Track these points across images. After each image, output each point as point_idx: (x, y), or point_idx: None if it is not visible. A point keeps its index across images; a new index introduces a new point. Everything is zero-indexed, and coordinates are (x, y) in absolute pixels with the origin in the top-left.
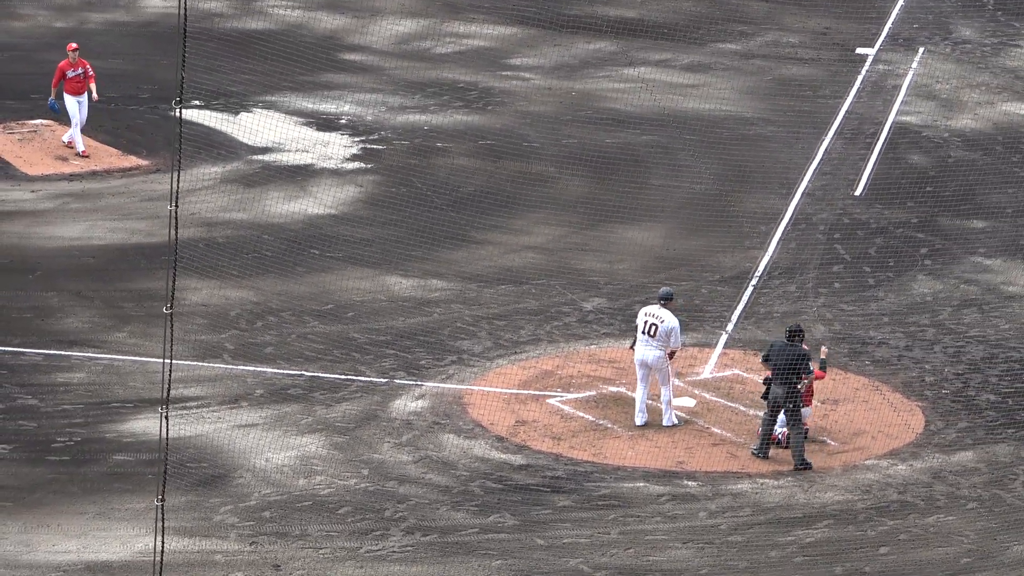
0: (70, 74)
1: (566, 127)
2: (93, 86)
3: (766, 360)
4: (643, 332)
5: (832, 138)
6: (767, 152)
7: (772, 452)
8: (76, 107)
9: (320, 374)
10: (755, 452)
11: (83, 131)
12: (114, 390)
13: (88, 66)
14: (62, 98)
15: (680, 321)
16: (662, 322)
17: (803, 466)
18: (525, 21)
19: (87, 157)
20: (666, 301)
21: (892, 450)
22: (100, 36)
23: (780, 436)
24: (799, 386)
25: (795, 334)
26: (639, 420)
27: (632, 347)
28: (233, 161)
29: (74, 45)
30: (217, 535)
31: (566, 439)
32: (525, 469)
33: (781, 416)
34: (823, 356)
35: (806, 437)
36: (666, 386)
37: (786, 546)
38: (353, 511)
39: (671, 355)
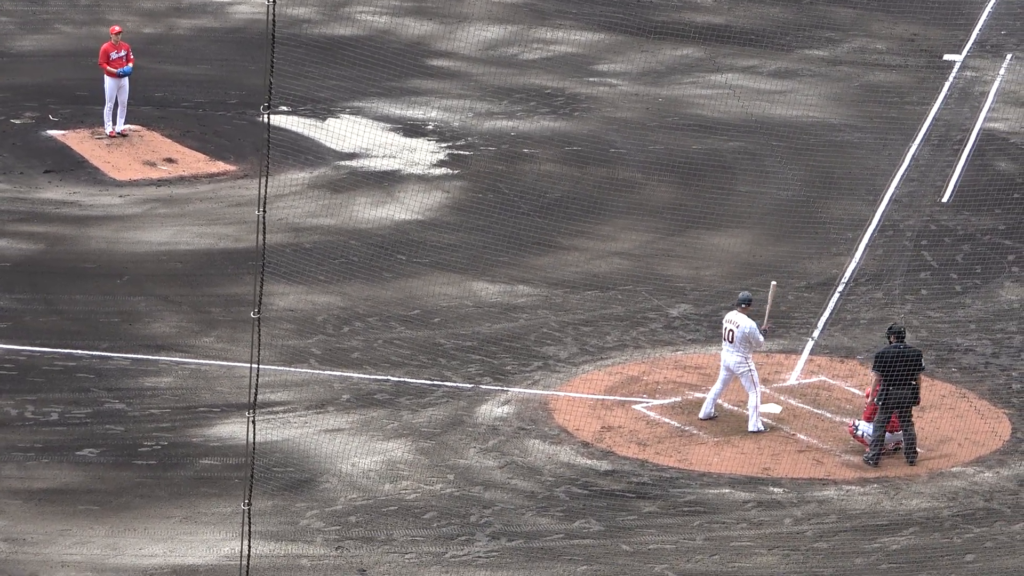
0: (113, 56)
1: (653, 133)
2: (131, 66)
3: (880, 368)
4: (724, 339)
5: (919, 145)
6: (854, 159)
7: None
8: (114, 87)
9: (406, 379)
10: (868, 459)
11: (127, 113)
12: (201, 395)
13: (129, 49)
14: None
15: (757, 324)
16: (737, 327)
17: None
18: (612, 27)
19: (114, 137)
20: (744, 305)
21: (978, 457)
22: (188, 42)
23: (891, 445)
24: (914, 382)
25: (901, 335)
26: (702, 413)
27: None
28: (320, 167)
29: (117, 28)
30: (303, 539)
31: (651, 445)
32: (610, 475)
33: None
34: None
35: (882, 455)
36: (753, 391)
37: (872, 553)
38: (439, 516)
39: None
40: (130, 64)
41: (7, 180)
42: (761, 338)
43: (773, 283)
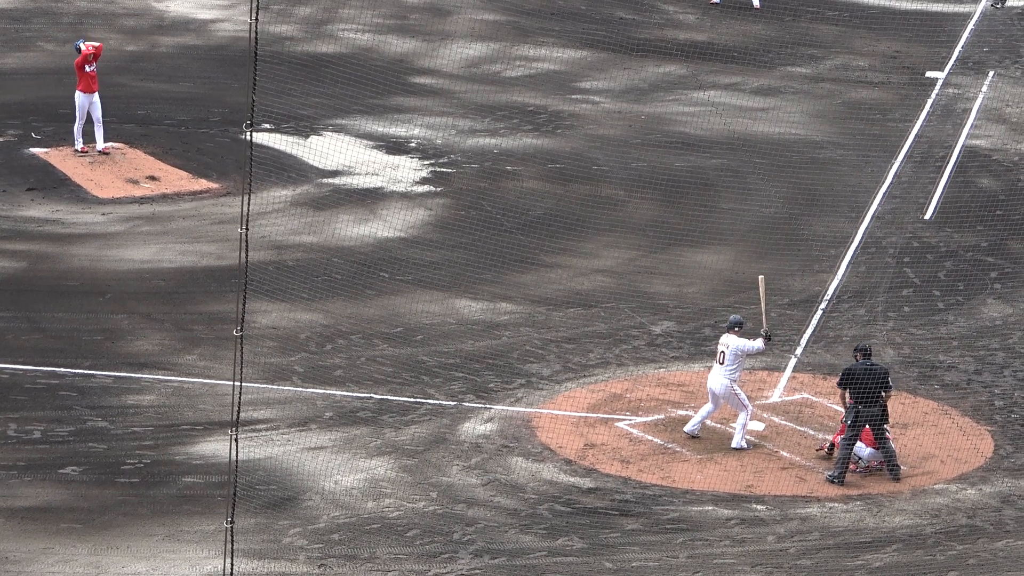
0: (86, 69)
1: (635, 150)
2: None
3: (846, 386)
4: (716, 361)
5: (902, 162)
6: (836, 176)
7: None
8: (85, 104)
9: (389, 397)
10: (832, 478)
11: (105, 131)
12: (184, 412)
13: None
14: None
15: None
16: (728, 347)
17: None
18: (595, 45)
19: (86, 152)
20: (735, 328)
21: (961, 474)
22: (171, 59)
23: (866, 465)
24: (883, 401)
25: (868, 352)
26: (688, 427)
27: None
28: (303, 184)
29: (98, 44)
30: (286, 557)
31: (634, 462)
32: (593, 492)
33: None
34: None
35: (869, 471)
36: (743, 411)
37: (855, 570)
38: (421, 534)
39: (768, 339)
40: (94, 65)
41: None
42: (754, 346)
43: (761, 277)
